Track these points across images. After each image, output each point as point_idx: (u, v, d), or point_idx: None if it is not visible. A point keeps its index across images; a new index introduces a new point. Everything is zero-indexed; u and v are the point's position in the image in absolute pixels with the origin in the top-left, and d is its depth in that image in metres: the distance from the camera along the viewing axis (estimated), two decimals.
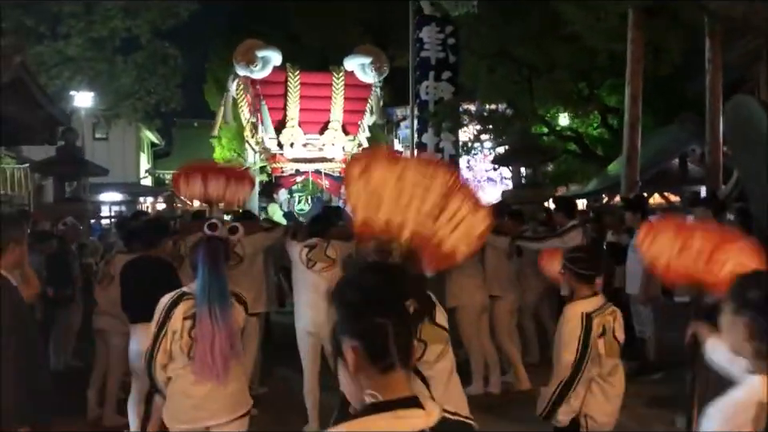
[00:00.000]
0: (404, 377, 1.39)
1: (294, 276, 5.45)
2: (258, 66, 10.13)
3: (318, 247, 5.39)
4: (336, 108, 10.66)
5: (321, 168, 10.85)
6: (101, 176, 10.66)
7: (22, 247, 3.13)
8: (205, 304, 3.12)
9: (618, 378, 3.50)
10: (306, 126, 10.62)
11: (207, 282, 3.15)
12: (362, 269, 1.55)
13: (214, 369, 3.11)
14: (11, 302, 2.97)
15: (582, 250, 3.78)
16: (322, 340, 5.39)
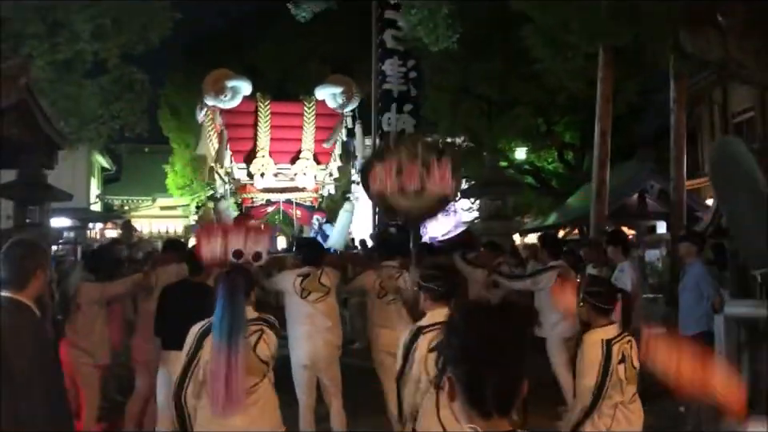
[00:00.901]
0: (502, 422, 1.38)
1: (288, 307, 5.35)
2: (228, 95, 10.01)
3: (312, 275, 5.36)
4: (307, 137, 10.65)
5: (292, 198, 10.73)
6: (64, 201, 10.30)
7: (46, 274, 2.99)
8: (223, 337, 3.09)
9: (637, 405, 3.58)
10: (277, 156, 10.57)
11: (226, 316, 3.13)
12: (484, 309, 1.51)
13: (228, 402, 3.04)
14: (36, 335, 2.81)
15: (601, 284, 3.85)
16: (318, 372, 5.30)
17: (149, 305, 5.53)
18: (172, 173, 26.34)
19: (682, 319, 6.51)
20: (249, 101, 10.33)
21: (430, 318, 3.27)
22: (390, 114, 16.94)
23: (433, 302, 3.34)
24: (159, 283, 5.45)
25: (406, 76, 16.93)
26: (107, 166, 27.07)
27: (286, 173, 10.57)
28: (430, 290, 3.36)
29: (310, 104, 10.64)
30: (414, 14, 9.66)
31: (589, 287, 3.65)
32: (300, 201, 10.90)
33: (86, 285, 5.52)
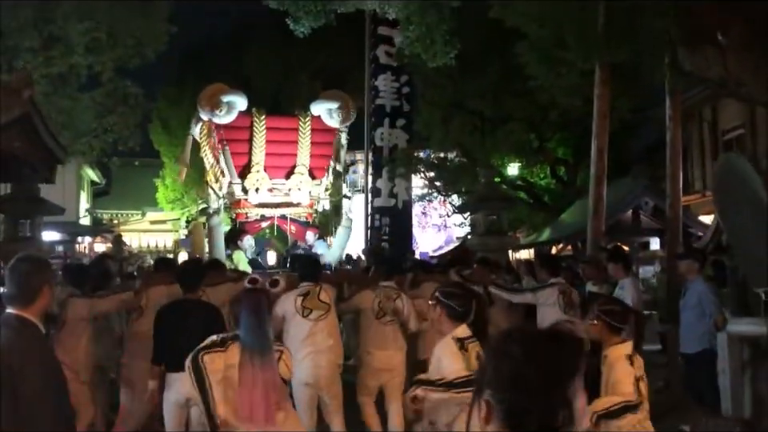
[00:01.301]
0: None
1: (288, 327, 5.30)
2: (223, 110, 9.97)
3: (312, 293, 5.34)
4: (302, 152, 10.59)
5: (287, 213, 10.67)
6: (57, 215, 10.20)
7: (52, 291, 2.93)
8: (248, 352, 3.08)
9: (649, 425, 3.53)
10: (272, 171, 10.51)
11: (250, 334, 3.13)
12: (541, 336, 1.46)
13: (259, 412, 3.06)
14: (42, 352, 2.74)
15: (615, 302, 3.83)
16: (319, 390, 5.26)
17: (139, 324, 5.48)
18: (162, 186, 26.20)
19: (683, 337, 6.50)
20: (244, 116, 10.30)
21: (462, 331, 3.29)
22: (382, 128, 17.01)
23: (450, 320, 3.33)
24: (150, 304, 5.41)
25: (398, 91, 17.02)
26: (97, 180, 26.91)
27: (281, 188, 10.48)
28: (449, 308, 3.34)
29: (306, 119, 10.62)
30: (412, 30, 9.65)
31: (603, 306, 3.63)
32: (294, 216, 10.81)
33: (73, 300, 5.42)
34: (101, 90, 11.82)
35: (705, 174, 19.35)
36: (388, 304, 5.58)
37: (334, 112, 10.71)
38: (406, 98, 17.18)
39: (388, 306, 5.58)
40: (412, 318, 5.70)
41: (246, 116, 10.30)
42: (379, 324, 5.56)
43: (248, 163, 10.41)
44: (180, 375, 4.43)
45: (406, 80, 17.00)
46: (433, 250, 23.73)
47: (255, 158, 10.37)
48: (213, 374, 3.10)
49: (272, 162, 10.55)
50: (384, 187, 16.94)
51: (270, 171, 10.53)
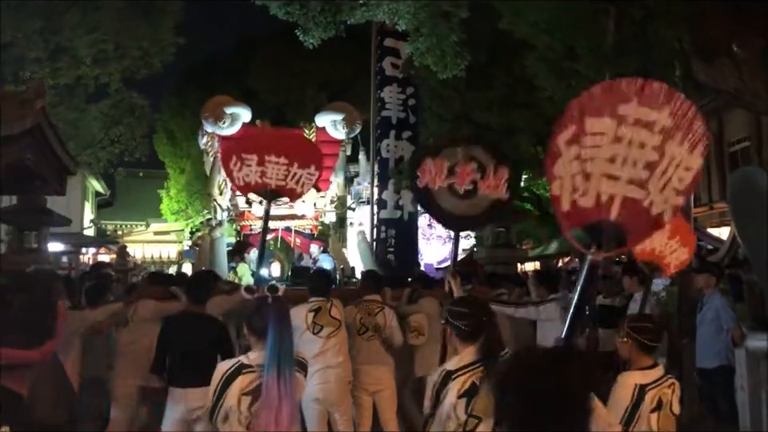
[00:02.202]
0: None
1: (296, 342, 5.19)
2: (227, 122, 9.92)
3: (323, 309, 5.24)
4: None
5: (291, 225, 10.57)
6: (64, 226, 10.15)
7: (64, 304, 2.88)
8: (274, 368, 2.96)
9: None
10: None
11: (278, 345, 2.98)
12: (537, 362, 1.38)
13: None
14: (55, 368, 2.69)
15: (648, 319, 3.71)
16: (329, 406, 5.18)
17: (123, 336, 5.40)
18: (167, 198, 26.22)
19: (699, 352, 6.40)
20: (248, 127, 10.23)
21: (459, 360, 3.13)
22: (388, 140, 16.89)
23: (461, 341, 3.21)
24: (136, 317, 5.36)
25: (404, 103, 16.92)
26: (101, 191, 26.90)
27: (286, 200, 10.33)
28: (457, 329, 3.22)
29: (310, 131, 10.58)
30: (422, 42, 9.61)
31: (634, 323, 3.49)
32: (299, 228, 10.71)
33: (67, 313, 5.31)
34: (108, 101, 11.79)
35: (710, 186, 19.28)
36: (369, 320, 5.47)
37: (338, 124, 10.66)
38: (411, 110, 17.08)
39: (369, 321, 5.46)
40: (395, 333, 5.56)
41: (250, 128, 10.23)
42: (362, 340, 5.45)
43: None
44: (187, 391, 4.46)
45: (412, 92, 16.92)
46: (438, 261, 23.61)
47: None
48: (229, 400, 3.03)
49: None
50: (390, 199, 16.83)
51: None
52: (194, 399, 4.43)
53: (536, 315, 6.31)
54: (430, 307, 6.08)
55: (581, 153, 2.05)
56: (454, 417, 2.97)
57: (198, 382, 4.24)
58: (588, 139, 2.05)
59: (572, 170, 2.06)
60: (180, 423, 4.60)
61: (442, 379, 3.07)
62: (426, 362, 5.89)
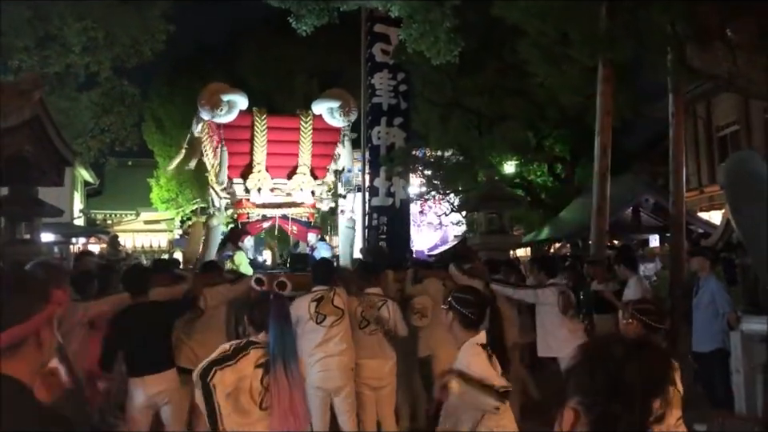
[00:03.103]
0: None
1: (300, 332, 5.19)
2: (224, 110, 9.84)
3: (326, 298, 5.23)
4: (304, 152, 10.48)
5: (288, 213, 10.54)
6: (56, 217, 10.07)
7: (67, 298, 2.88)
8: (280, 361, 3.14)
9: (683, 430, 3.44)
10: (274, 171, 10.39)
11: (281, 340, 3.17)
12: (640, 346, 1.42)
13: (296, 424, 3.13)
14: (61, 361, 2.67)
15: (651, 302, 3.76)
16: (332, 393, 5.20)
17: None
18: (156, 186, 26.06)
19: (695, 336, 6.46)
20: (245, 115, 10.17)
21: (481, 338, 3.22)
22: (379, 127, 16.84)
23: (463, 328, 3.24)
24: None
25: (395, 89, 16.85)
26: (90, 180, 26.67)
27: (283, 188, 10.39)
28: (461, 315, 3.24)
29: (307, 118, 10.48)
30: (415, 28, 9.57)
31: (639, 304, 3.56)
32: (296, 216, 10.68)
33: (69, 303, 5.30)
34: (98, 89, 11.67)
35: (700, 170, 19.42)
36: (371, 312, 5.41)
37: (335, 111, 10.58)
38: (403, 96, 16.99)
39: (371, 314, 5.40)
40: (399, 324, 5.53)
41: (247, 115, 10.17)
42: (363, 334, 5.38)
43: (249, 163, 10.29)
44: (144, 378, 4.57)
45: (403, 78, 16.82)
46: (428, 248, 23.68)
47: (257, 158, 10.26)
48: (222, 390, 3.08)
49: (274, 162, 10.44)
50: (381, 186, 16.81)
51: (271, 171, 10.42)
52: (151, 385, 4.56)
53: (534, 299, 6.35)
54: (434, 287, 6.13)
55: None
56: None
57: (153, 369, 4.55)
58: None
59: None
60: (143, 410, 4.65)
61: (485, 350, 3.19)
62: (429, 343, 5.94)
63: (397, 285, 6.22)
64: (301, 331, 5.10)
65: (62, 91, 10.84)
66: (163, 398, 4.62)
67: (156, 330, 4.66)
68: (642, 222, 14.04)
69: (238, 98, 10.08)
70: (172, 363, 4.76)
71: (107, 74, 11.54)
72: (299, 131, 10.52)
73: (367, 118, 17.08)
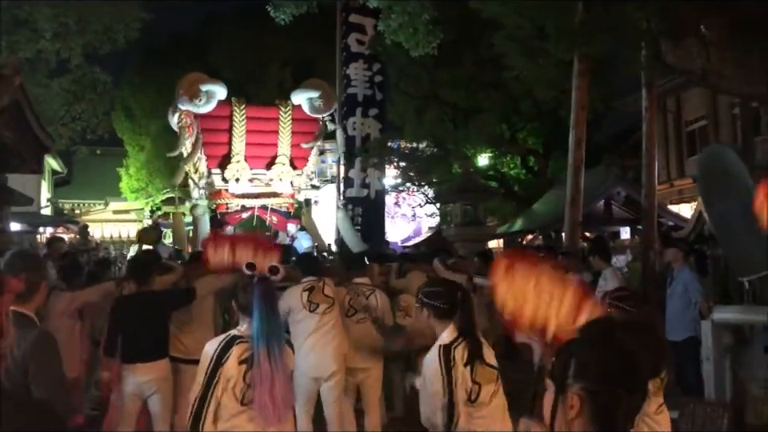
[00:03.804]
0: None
1: (293, 322, 5.22)
2: (202, 100, 9.79)
3: (316, 288, 5.28)
4: (283, 142, 10.48)
5: (268, 203, 10.55)
6: (25, 206, 9.89)
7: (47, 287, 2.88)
8: (263, 345, 3.00)
9: (665, 417, 3.54)
10: (253, 161, 10.38)
11: (265, 323, 3.04)
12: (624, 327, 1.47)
13: (275, 412, 2.98)
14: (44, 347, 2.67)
15: (627, 289, 3.87)
16: (324, 381, 5.25)
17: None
18: (126, 176, 25.69)
19: (669, 324, 6.61)
20: (224, 105, 10.12)
21: (448, 335, 3.21)
22: (354, 118, 16.83)
23: (438, 319, 3.26)
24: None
25: (371, 80, 16.84)
26: (58, 169, 26.17)
27: (262, 178, 10.42)
28: (434, 308, 3.26)
29: (287, 109, 10.47)
30: (394, 19, 9.58)
31: (616, 293, 3.66)
32: (276, 206, 10.67)
33: (54, 293, 5.26)
34: (69, 76, 11.45)
35: (669, 164, 19.79)
36: (358, 301, 5.42)
37: (315, 101, 10.60)
38: (378, 87, 16.97)
39: (358, 303, 5.44)
40: (387, 315, 5.55)
41: (226, 105, 10.15)
42: (350, 322, 5.41)
43: (228, 153, 10.27)
44: (135, 366, 4.59)
45: (379, 68, 16.80)
46: (402, 240, 23.74)
47: (235, 148, 10.27)
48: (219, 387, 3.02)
49: (252, 152, 10.45)
50: (357, 177, 16.82)
51: (250, 161, 10.44)
52: (141, 373, 4.59)
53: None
54: (418, 281, 6.16)
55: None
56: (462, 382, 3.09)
57: (144, 358, 4.58)
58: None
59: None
60: (133, 397, 4.67)
61: (445, 355, 3.13)
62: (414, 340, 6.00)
63: (381, 278, 6.26)
64: (293, 320, 5.15)
65: (33, 77, 10.60)
66: (151, 386, 4.64)
67: (151, 320, 4.66)
68: (614, 215, 14.27)
69: (217, 88, 10.07)
70: (164, 353, 4.76)
71: (78, 60, 11.31)
72: (278, 121, 10.54)
73: (342, 109, 17.05)
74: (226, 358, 3.03)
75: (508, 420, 3.28)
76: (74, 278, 5.64)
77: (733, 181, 5.58)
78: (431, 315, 3.28)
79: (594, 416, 1.35)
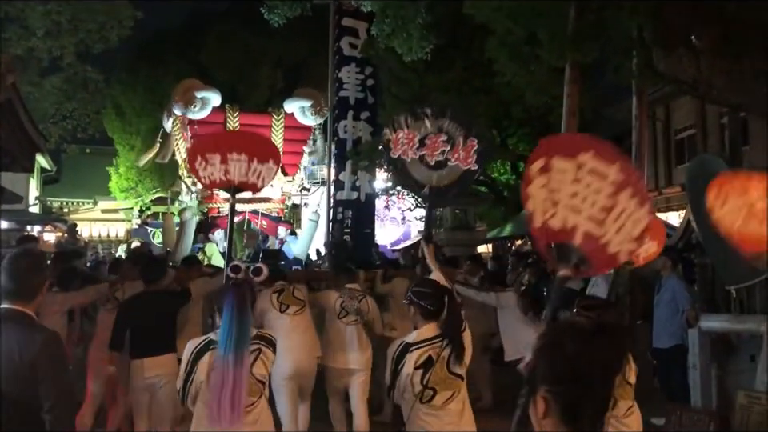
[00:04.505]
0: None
1: (266, 323, 5.41)
2: (197, 106, 9.98)
3: (286, 290, 5.54)
4: None
5: (258, 208, 10.71)
6: (15, 204, 9.84)
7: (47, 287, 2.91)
8: (229, 350, 3.08)
9: (633, 419, 3.63)
10: None
11: (232, 328, 3.11)
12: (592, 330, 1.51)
13: (222, 415, 3.04)
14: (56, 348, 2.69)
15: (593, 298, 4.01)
16: (299, 381, 5.36)
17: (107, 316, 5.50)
18: (115, 175, 25.55)
19: (656, 332, 6.66)
20: (218, 112, 10.31)
21: (419, 335, 3.39)
22: (346, 121, 16.74)
23: (423, 318, 3.45)
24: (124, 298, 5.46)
25: (363, 83, 16.76)
26: (47, 167, 26.00)
27: None
28: (421, 307, 3.46)
29: (279, 116, 10.71)
30: (388, 23, 9.60)
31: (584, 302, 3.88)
32: (266, 212, 10.87)
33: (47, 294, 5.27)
34: (61, 75, 11.40)
35: (657, 172, 19.91)
36: (351, 303, 5.63)
37: (307, 110, 10.83)
38: (370, 91, 16.90)
39: (351, 305, 5.61)
40: (376, 321, 5.77)
41: (220, 112, 10.36)
42: (341, 324, 5.59)
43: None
44: (144, 360, 4.84)
45: (371, 72, 16.76)
46: (391, 243, 23.73)
47: None
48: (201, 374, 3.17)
49: None
50: (347, 180, 16.77)
51: None
52: (150, 368, 4.82)
53: (495, 302, 6.61)
54: (402, 287, 6.26)
55: (549, 182, 2.29)
56: (410, 386, 3.27)
57: (153, 353, 4.81)
58: (554, 173, 2.29)
59: (542, 195, 2.30)
60: (142, 391, 4.89)
61: (400, 351, 3.35)
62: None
63: (367, 284, 6.49)
64: (267, 322, 5.32)
65: (24, 76, 10.55)
66: (160, 380, 4.82)
67: (160, 317, 4.90)
68: None
69: (212, 94, 10.32)
70: (172, 348, 4.94)
71: (70, 59, 11.25)
72: (271, 128, 10.76)
73: (334, 112, 17.01)
74: (198, 364, 3.18)
75: (466, 424, 3.38)
76: (70, 284, 5.69)
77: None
78: (417, 313, 3.50)
79: (561, 416, 1.42)
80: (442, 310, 3.45)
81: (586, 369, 1.41)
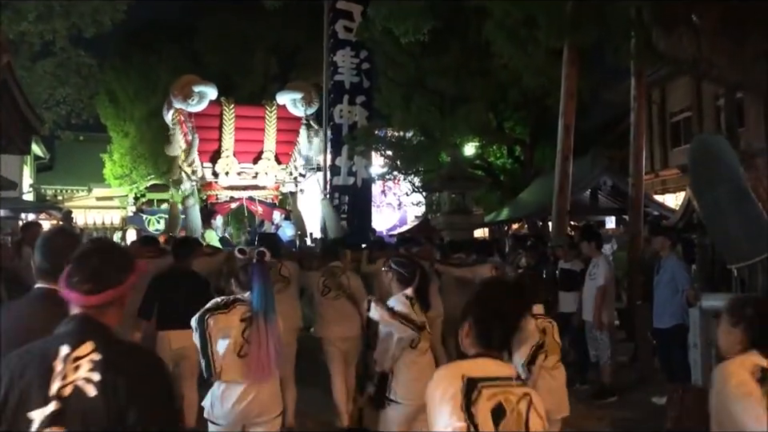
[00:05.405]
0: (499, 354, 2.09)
1: None
2: (195, 100, 10.43)
3: (273, 269, 5.70)
4: (269, 139, 11.22)
5: (254, 195, 11.26)
6: (10, 190, 9.76)
7: None
8: (261, 313, 3.64)
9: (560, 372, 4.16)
10: (241, 156, 11.06)
11: (263, 296, 3.69)
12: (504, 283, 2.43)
13: (266, 368, 3.58)
14: None
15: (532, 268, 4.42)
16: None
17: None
18: (110, 162, 25.40)
19: (656, 312, 6.66)
20: (215, 104, 10.78)
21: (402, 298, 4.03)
22: (341, 105, 16.63)
23: (399, 283, 4.11)
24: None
25: (358, 67, 16.62)
26: (41, 154, 25.83)
27: (249, 172, 11.01)
28: (398, 274, 4.13)
29: (272, 108, 11.17)
30: (386, 5, 9.50)
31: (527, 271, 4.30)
32: (261, 198, 11.34)
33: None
34: (53, 59, 11.27)
35: (653, 154, 19.91)
36: (332, 281, 5.89)
37: (297, 102, 11.21)
38: (365, 75, 16.77)
39: (332, 283, 5.87)
40: (358, 290, 5.98)
41: (216, 105, 10.77)
42: (326, 300, 5.86)
43: (218, 149, 10.84)
44: (169, 333, 5.19)
45: (366, 56, 16.60)
46: (387, 229, 23.74)
47: (225, 144, 10.81)
48: (215, 333, 3.57)
49: (240, 148, 10.99)
50: (343, 165, 16.70)
51: (238, 156, 10.98)
52: (175, 340, 5.12)
53: (471, 275, 6.70)
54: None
55: None
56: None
57: (178, 325, 4.90)
58: None
59: None
60: (168, 361, 5.04)
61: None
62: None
63: (353, 264, 6.62)
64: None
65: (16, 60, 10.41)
66: (183, 352, 5.12)
67: (187, 292, 5.12)
68: (600, 204, 14.34)
69: (209, 89, 10.72)
70: None
71: (63, 43, 11.12)
72: (264, 120, 11.22)
73: (329, 96, 16.91)
74: (233, 306, 3.67)
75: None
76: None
77: (723, 167, 5.61)
78: (394, 279, 4.15)
79: (476, 339, 2.07)
80: (415, 278, 4.11)
81: (495, 308, 2.08)
